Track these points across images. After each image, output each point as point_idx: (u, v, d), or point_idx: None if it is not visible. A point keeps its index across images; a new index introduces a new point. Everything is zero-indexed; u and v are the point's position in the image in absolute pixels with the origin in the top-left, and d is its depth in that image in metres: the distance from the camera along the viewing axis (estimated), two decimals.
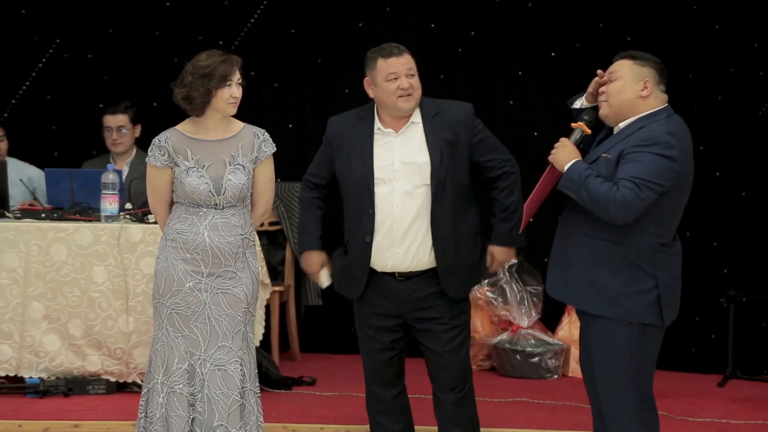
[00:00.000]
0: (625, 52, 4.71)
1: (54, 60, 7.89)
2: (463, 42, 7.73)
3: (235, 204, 4.99)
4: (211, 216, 4.98)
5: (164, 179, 5.02)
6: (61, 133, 7.77)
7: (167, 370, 4.98)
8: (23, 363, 6.47)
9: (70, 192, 6.62)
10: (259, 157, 5.03)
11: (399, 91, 4.97)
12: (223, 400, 4.91)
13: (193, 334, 4.96)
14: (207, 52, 4.97)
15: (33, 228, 6.48)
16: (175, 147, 4.99)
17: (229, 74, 4.93)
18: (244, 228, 5.00)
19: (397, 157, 5.04)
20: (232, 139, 5.01)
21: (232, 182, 4.96)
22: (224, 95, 4.93)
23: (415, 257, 5.00)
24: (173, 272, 4.99)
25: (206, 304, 4.97)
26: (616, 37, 7.45)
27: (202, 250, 4.95)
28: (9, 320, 6.46)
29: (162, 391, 4.98)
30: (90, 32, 7.85)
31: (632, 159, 4.46)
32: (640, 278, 4.54)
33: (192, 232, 4.97)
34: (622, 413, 4.67)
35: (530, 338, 7.23)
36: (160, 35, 7.75)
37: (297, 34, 7.82)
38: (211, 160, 4.96)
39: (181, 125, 5.04)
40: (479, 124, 5.11)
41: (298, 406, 6.32)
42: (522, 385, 6.88)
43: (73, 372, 6.46)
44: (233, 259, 4.97)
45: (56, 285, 6.43)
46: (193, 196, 4.96)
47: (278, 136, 7.67)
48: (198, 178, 4.95)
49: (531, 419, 6.11)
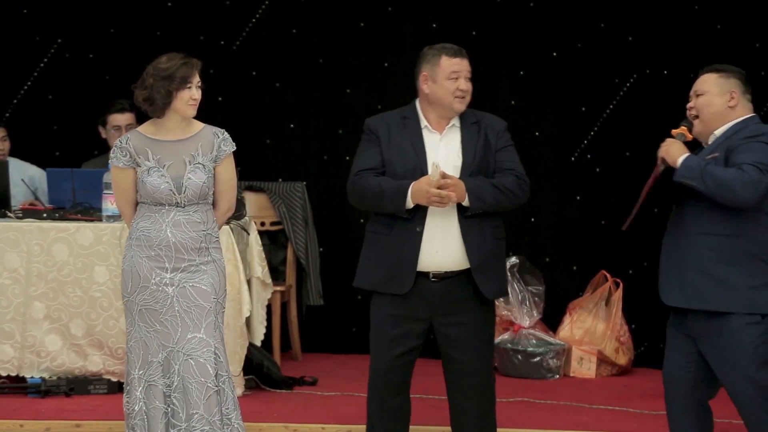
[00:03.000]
0: (709, 66, 4.85)
1: (55, 60, 7.90)
2: (464, 42, 7.39)
3: (197, 202, 5.10)
4: (173, 213, 5.10)
5: (128, 179, 5.14)
6: (63, 133, 7.79)
7: (143, 364, 5.08)
8: (25, 363, 6.48)
9: (71, 192, 6.62)
10: (219, 156, 5.14)
11: (458, 92, 5.04)
12: (197, 388, 5.00)
13: (164, 328, 5.06)
14: (168, 55, 5.10)
15: (34, 228, 6.50)
16: (136, 148, 5.11)
17: (189, 77, 5.06)
18: (206, 224, 5.11)
19: (443, 158, 5.06)
20: (191, 139, 5.14)
21: (192, 181, 5.07)
22: (184, 97, 5.06)
23: (450, 257, 4.99)
24: (138, 270, 5.10)
25: (173, 298, 5.07)
26: (617, 37, 7.47)
27: (165, 246, 5.07)
28: (10, 320, 6.46)
29: (140, 385, 5.08)
30: (91, 32, 7.85)
31: (745, 149, 4.59)
32: (765, 270, 4.63)
33: (155, 230, 5.09)
34: (756, 406, 4.72)
35: (532, 338, 7.24)
36: (161, 35, 7.75)
37: (298, 34, 7.82)
38: (171, 160, 5.09)
39: (142, 127, 5.19)
40: (509, 138, 5.20)
41: (299, 406, 6.33)
42: (523, 385, 6.87)
43: (75, 372, 6.48)
44: (196, 254, 5.09)
45: (58, 285, 6.44)
46: (154, 195, 5.08)
47: (280, 136, 7.79)
48: (159, 178, 5.07)
49: (532, 419, 6.11)
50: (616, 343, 7.26)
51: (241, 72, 7.90)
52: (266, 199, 7.47)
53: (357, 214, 7.38)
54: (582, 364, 7.23)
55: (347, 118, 7.63)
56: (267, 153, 7.94)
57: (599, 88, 7.57)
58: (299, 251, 7.40)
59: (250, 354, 6.56)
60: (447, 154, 5.09)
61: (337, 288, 7.52)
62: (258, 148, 7.91)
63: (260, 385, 6.63)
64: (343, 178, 7.72)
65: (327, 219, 7.62)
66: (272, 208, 7.38)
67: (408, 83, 7.24)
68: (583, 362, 7.23)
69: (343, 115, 7.69)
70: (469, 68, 5.11)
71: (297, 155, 7.84)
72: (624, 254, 7.51)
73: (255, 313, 6.64)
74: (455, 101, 5.06)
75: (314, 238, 7.51)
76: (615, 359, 7.26)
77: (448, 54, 5.08)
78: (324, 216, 7.60)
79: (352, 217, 7.51)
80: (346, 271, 6.20)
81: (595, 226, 7.65)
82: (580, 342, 7.27)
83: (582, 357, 7.23)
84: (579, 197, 7.65)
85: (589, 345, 7.25)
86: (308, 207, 7.50)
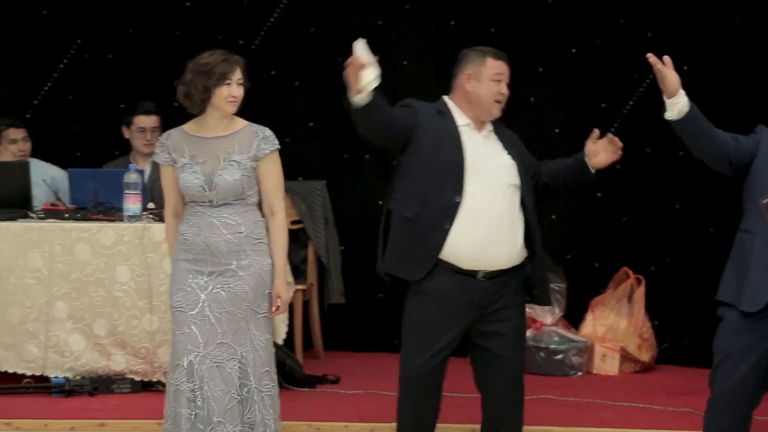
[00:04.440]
0: None
1: (75, 61, 7.93)
2: (483, 39, 7.44)
3: (232, 202, 5.02)
4: (209, 215, 5.02)
5: (168, 176, 5.12)
6: (84, 134, 7.81)
7: (171, 368, 5.06)
8: (48, 363, 6.50)
9: (92, 192, 6.64)
10: (258, 155, 5.05)
11: (499, 95, 5.05)
12: (221, 396, 4.95)
13: (191, 331, 5.00)
14: (209, 51, 5.03)
15: (56, 228, 6.52)
16: (174, 144, 5.08)
17: (229, 73, 5.00)
18: (246, 226, 5.03)
19: (485, 156, 5.05)
20: (230, 137, 5.06)
21: (224, 178, 4.99)
22: (223, 93, 4.98)
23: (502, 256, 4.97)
24: (177, 272, 5.08)
25: (205, 302, 5.00)
26: (636, 33, 7.45)
27: (201, 249, 5.02)
28: (34, 320, 6.49)
29: (170, 390, 5.06)
30: (111, 33, 7.89)
31: None
32: None
33: (192, 233, 5.04)
34: None
35: (554, 335, 7.24)
36: (180, 35, 7.77)
37: (316, 32, 7.85)
38: (205, 157, 5.03)
39: (187, 124, 5.13)
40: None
41: (322, 404, 6.34)
42: (546, 383, 6.86)
43: (98, 371, 6.50)
44: (232, 257, 5.01)
45: (80, 285, 6.46)
46: (187, 192, 5.03)
47: (299, 134, 7.79)
48: (191, 174, 5.02)
49: (555, 416, 6.11)
50: (639, 340, 7.27)
51: (260, 71, 7.74)
52: (287, 198, 7.33)
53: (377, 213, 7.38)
54: (605, 361, 7.27)
55: None
56: (286, 152, 7.79)
57: (619, 84, 7.56)
58: (320, 250, 7.41)
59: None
60: (493, 152, 5.09)
61: (358, 286, 7.54)
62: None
63: (283, 384, 6.49)
64: (362, 176, 7.80)
65: (347, 217, 7.64)
66: (292, 206, 7.35)
67: (429, 81, 7.38)
68: (606, 359, 7.27)
69: None
70: (508, 73, 5.12)
71: (316, 154, 7.85)
72: (646, 251, 7.55)
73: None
74: (494, 105, 5.06)
75: (335, 237, 7.52)
76: (638, 356, 7.27)
77: (493, 56, 5.08)
78: (344, 214, 7.61)
79: (373, 216, 7.51)
80: (367, 269, 6.19)
81: (616, 222, 7.66)
82: (603, 339, 7.29)
83: (605, 354, 7.26)
84: (600, 194, 7.60)
85: (611, 342, 7.27)
86: (328, 205, 7.50)
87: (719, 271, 5.31)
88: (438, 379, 5.05)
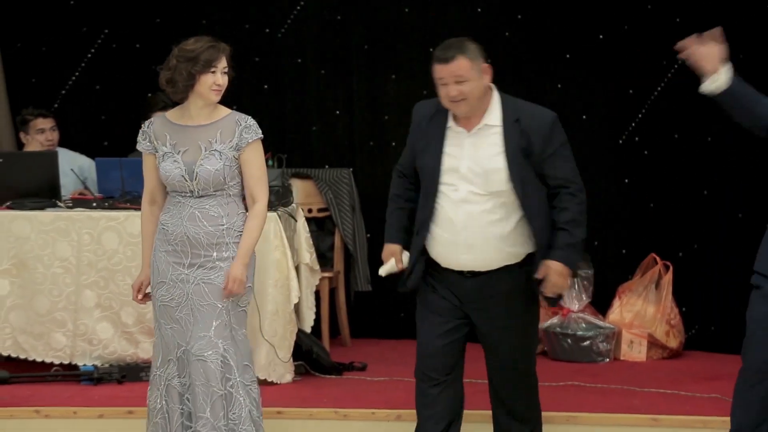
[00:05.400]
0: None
1: (102, 51, 7.98)
2: (510, 26, 7.76)
3: (214, 193, 4.99)
4: (190, 206, 4.99)
5: (148, 164, 5.08)
6: (111, 123, 7.86)
7: (163, 362, 5.05)
8: (77, 351, 6.56)
9: (120, 181, 6.68)
10: (240, 144, 5.00)
11: (446, 99, 4.90)
12: (203, 391, 4.93)
13: (179, 326, 5.00)
14: (196, 38, 4.99)
15: (84, 217, 6.57)
16: (156, 132, 5.05)
17: (214, 60, 4.94)
18: (227, 218, 4.99)
19: (466, 160, 4.96)
20: (212, 125, 5.01)
21: (204, 167, 4.95)
22: (207, 81, 4.93)
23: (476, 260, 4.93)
24: (158, 264, 5.05)
25: (189, 295, 4.99)
26: (664, 18, 7.44)
27: (180, 240, 4.99)
28: (63, 309, 6.54)
29: (161, 383, 5.05)
30: (137, 22, 7.93)
31: None
32: None
33: (172, 224, 5.01)
34: None
35: (581, 322, 7.25)
36: (206, 24, 7.75)
37: (342, 21, 7.87)
38: (187, 146, 4.99)
39: (170, 111, 5.10)
40: (557, 135, 4.96)
41: (349, 391, 6.37)
42: (574, 369, 6.89)
43: (126, 359, 6.57)
44: (212, 249, 4.98)
45: (108, 273, 6.51)
46: (167, 181, 5.00)
47: (325, 123, 7.86)
48: (171, 164, 4.98)
49: (583, 403, 6.12)
50: (667, 326, 7.27)
51: (286, 60, 7.95)
52: (313, 186, 7.49)
53: None
54: (632, 347, 7.26)
55: (392, 104, 7.70)
56: (313, 140, 7.99)
57: (646, 70, 7.56)
58: (347, 237, 7.43)
59: (300, 340, 6.60)
60: (478, 156, 4.94)
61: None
62: (304, 135, 7.98)
63: (310, 371, 6.67)
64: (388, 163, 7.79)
65: (374, 205, 7.63)
66: (319, 194, 7.41)
67: None
68: (633, 345, 7.26)
69: (388, 101, 7.75)
70: (457, 72, 4.86)
71: (343, 142, 7.90)
72: (674, 237, 7.56)
73: (304, 300, 6.66)
74: (452, 106, 4.90)
75: (361, 224, 7.55)
76: (666, 342, 7.27)
77: (434, 61, 4.92)
78: (371, 202, 7.62)
79: None
80: None
81: (643, 208, 7.67)
82: (630, 325, 7.28)
83: (632, 340, 7.26)
84: (627, 180, 7.68)
85: (639, 328, 7.26)
86: (355, 193, 7.54)
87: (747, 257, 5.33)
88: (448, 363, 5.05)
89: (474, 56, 4.88)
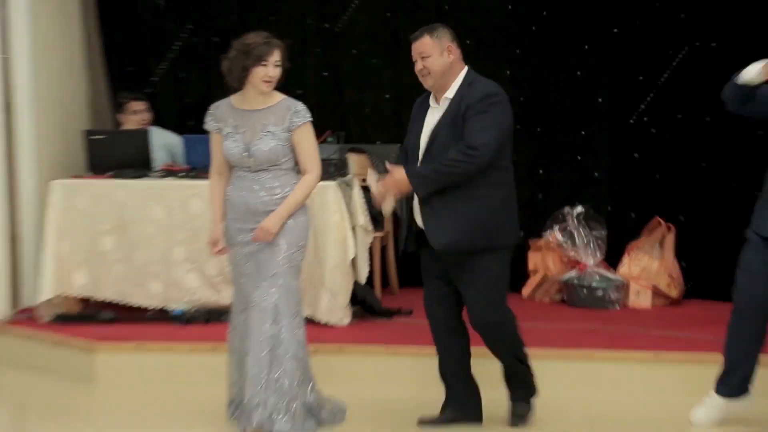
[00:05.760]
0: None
1: (186, 44, 8.26)
2: (536, 21, 7.92)
3: (269, 168, 5.10)
4: (249, 179, 5.13)
5: (215, 141, 5.20)
6: (195, 105, 7.74)
7: (238, 310, 5.26)
8: (170, 297, 6.88)
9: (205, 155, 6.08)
10: (290, 127, 5.09)
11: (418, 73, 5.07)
12: (256, 330, 5.04)
13: (247, 279, 5.17)
14: (255, 33, 5.06)
15: (174, 185, 6.84)
16: (221, 115, 5.17)
17: (266, 55, 5.00)
18: (281, 188, 5.11)
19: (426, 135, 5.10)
20: (267, 110, 5.11)
21: (259, 147, 5.07)
22: (259, 74, 5.02)
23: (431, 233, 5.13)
24: (229, 230, 5.21)
25: (254, 253, 5.14)
26: (671, 14, 7.56)
27: (243, 209, 5.13)
28: (157, 262, 6.85)
29: (238, 327, 5.28)
30: (215, 19, 8.22)
31: None
32: None
33: (235, 195, 5.17)
34: None
35: (595, 275, 7.43)
36: (275, 20, 8.06)
37: (392, 17, 8.15)
38: (246, 128, 5.10)
39: (233, 96, 5.19)
40: (484, 107, 4.94)
41: (397, 331, 6.60)
42: (588, 315, 7.12)
43: (210, 304, 6.84)
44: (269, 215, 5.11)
45: (194, 233, 6.74)
46: (229, 158, 5.14)
47: (377, 106, 8.10)
48: (233, 143, 5.12)
49: (597, 342, 6.34)
50: (669, 279, 7.45)
51: (344, 51, 8.20)
52: (367, 160, 7.59)
53: None
54: (639, 296, 7.45)
55: None
56: (367, 120, 8.23)
57: (655, 59, 7.62)
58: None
59: (355, 289, 6.83)
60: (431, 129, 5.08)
61: None
62: (359, 116, 8.23)
63: (364, 315, 6.93)
64: None
65: None
66: (372, 166, 7.26)
67: (491, 58, 7.56)
68: (639, 295, 7.44)
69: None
70: (420, 48, 4.97)
71: (392, 122, 8.13)
72: (676, 203, 7.68)
73: (359, 255, 6.83)
74: (422, 80, 5.04)
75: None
76: (668, 292, 7.44)
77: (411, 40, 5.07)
78: None
79: None
80: None
81: (650, 178, 7.75)
82: (638, 278, 7.43)
83: (639, 290, 7.43)
84: (636, 154, 7.79)
85: (645, 280, 7.40)
86: None
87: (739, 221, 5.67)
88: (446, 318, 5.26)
89: (438, 36, 5.01)
